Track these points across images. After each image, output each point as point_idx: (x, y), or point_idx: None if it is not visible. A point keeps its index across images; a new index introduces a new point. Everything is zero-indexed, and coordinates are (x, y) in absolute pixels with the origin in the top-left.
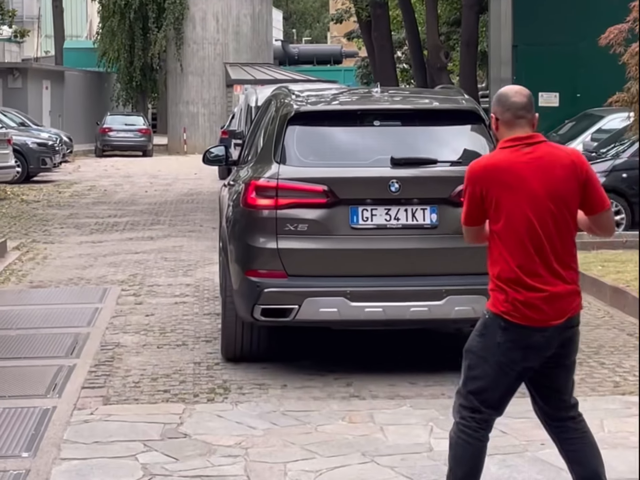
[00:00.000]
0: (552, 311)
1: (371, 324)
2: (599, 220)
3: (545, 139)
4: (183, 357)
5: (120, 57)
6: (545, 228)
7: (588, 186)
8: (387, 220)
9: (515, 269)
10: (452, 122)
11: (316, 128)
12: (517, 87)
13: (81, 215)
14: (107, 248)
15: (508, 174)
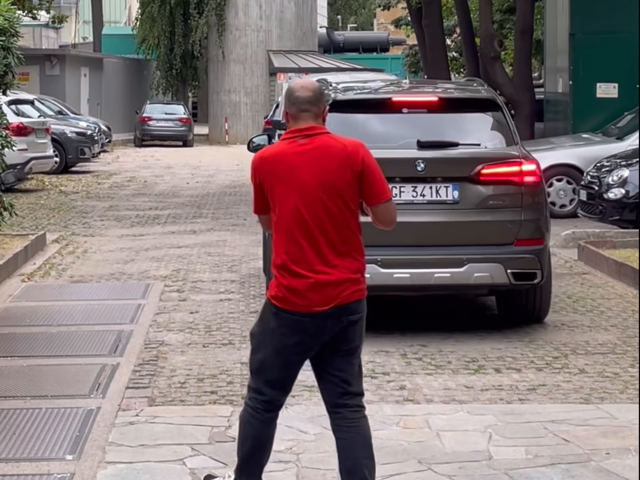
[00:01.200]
0: (316, 298)
1: (399, 289)
2: (375, 212)
3: (328, 131)
4: (230, 357)
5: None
6: (315, 217)
7: (364, 178)
8: (413, 196)
9: (283, 255)
10: (472, 110)
11: (351, 115)
12: (305, 82)
13: (121, 207)
14: (148, 242)
15: (280, 164)
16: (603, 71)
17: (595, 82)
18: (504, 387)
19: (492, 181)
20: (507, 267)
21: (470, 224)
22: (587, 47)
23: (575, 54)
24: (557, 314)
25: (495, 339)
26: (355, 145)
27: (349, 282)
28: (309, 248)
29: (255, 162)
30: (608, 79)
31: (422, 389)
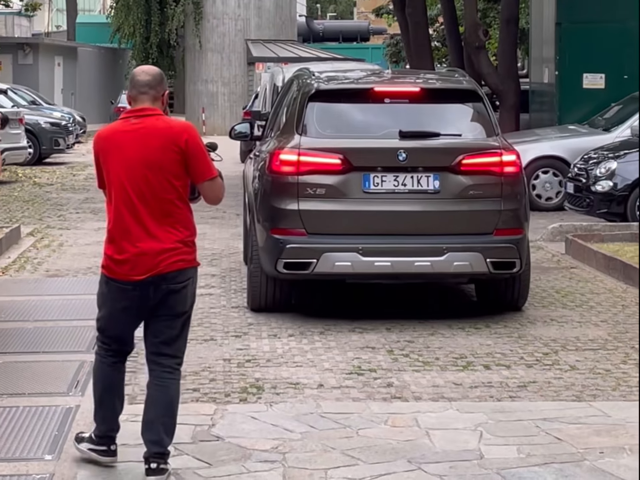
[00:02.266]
0: (138, 267)
1: (380, 277)
2: (201, 189)
3: (161, 113)
4: (212, 354)
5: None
6: (138, 192)
7: (188, 157)
8: (395, 185)
9: (110, 227)
10: (454, 100)
11: (333, 104)
12: (146, 67)
13: (97, 199)
14: None
15: (111, 142)
16: (590, 61)
17: (582, 72)
18: (494, 384)
19: (472, 171)
20: (486, 256)
21: (450, 213)
22: (573, 37)
23: (561, 43)
24: (545, 309)
25: (483, 335)
26: (180, 127)
27: (170, 252)
28: (132, 221)
29: (94, 140)
30: (595, 70)
31: (410, 386)
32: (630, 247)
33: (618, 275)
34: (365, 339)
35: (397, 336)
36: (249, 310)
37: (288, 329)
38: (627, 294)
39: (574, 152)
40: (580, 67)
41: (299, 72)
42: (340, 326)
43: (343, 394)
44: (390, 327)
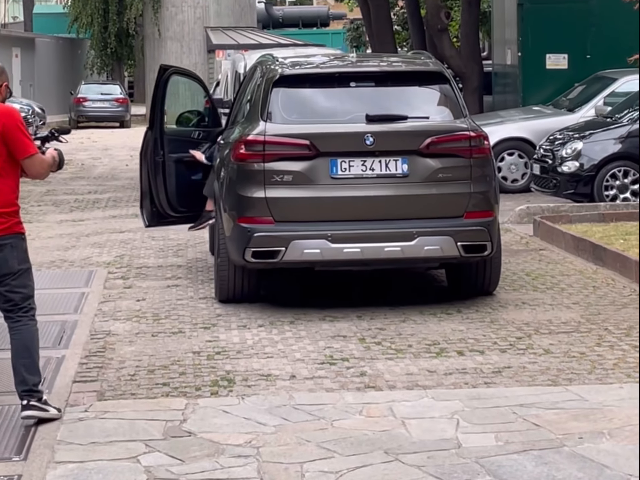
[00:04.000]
0: None
1: (350, 264)
2: (23, 165)
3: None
4: (181, 346)
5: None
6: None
7: (7, 139)
8: (363, 170)
9: None
10: (420, 83)
11: (298, 90)
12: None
13: (59, 191)
14: (89, 227)
15: None
16: (552, 42)
17: (545, 53)
18: (468, 371)
19: (441, 154)
20: (457, 240)
21: (420, 197)
22: (535, 17)
23: (523, 24)
24: (516, 292)
25: (455, 320)
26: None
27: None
28: None
29: None
30: (558, 50)
31: (383, 374)
32: (599, 228)
33: (587, 256)
34: (336, 327)
35: (369, 324)
36: (217, 301)
37: (257, 320)
38: (597, 275)
39: (539, 133)
40: (543, 47)
41: (262, 58)
42: (311, 315)
43: (316, 385)
44: (361, 314)
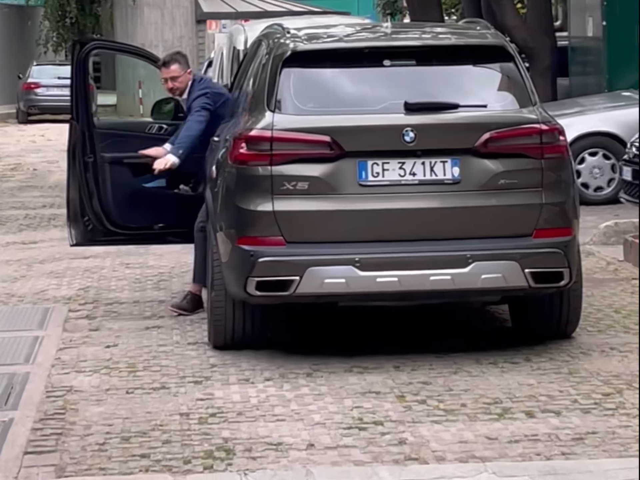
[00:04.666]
0: None
1: (384, 297)
2: None
3: None
4: (164, 407)
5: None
6: None
7: None
8: (401, 175)
9: None
10: (476, 60)
11: (316, 70)
12: None
13: (4, 205)
14: (44, 251)
15: None
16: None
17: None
18: (541, 437)
19: (502, 154)
20: (524, 266)
21: (475, 210)
22: None
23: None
24: (602, 334)
25: (522, 372)
26: None
27: None
28: None
29: None
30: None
31: (429, 442)
32: None
33: None
34: (366, 381)
35: (409, 376)
36: (211, 347)
37: (264, 372)
38: None
39: (630, 127)
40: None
41: (268, 30)
42: (333, 365)
43: (341, 456)
44: (399, 364)
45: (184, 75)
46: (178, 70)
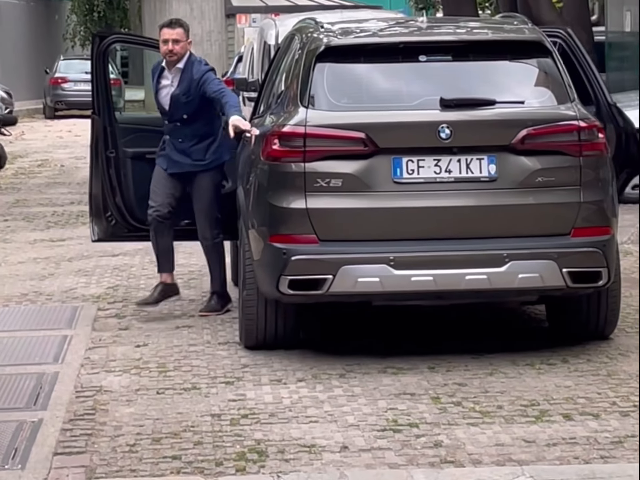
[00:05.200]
0: None
1: (419, 297)
2: None
3: None
4: (195, 407)
5: None
6: None
7: None
8: (436, 172)
9: None
10: (513, 56)
11: (350, 65)
12: None
13: (32, 202)
14: (72, 249)
15: None
16: None
17: None
18: (579, 441)
19: (540, 151)
20: (562, 266)
21: (512, 208)
22: None
23: None
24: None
25: (560, 373)
26: None
27: None
28: None
29: None
30: None
31: (465, 445)
32: None
33: None
34: (401, 382)
35: (444, 378)
36: (243, 347)
37: (296, 372)
38: None
39: None
40: None
41: (301, 24)
42: (367, 366)
43: (375, 459)
44: (434, 365)
45: (185, 42)
46: (182, 35)
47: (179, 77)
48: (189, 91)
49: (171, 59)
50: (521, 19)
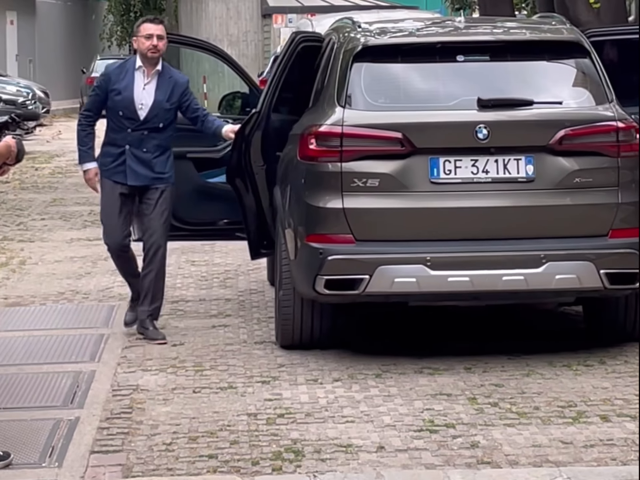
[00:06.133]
0: None
1: (456, 297)
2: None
3: None
4: (232, 406)
5: None
6: None
7: None
8: (473, 173)
9: None
10: (551, 56)
11: (387, 65)
12: None
13: (69, 201)
14: None
15: None
16: None
17: None
18: (616, 442)
19: (578, 151)
20: (599, 267)
21: (549, 209)
22: None
23: None
24: None
25: (597, 375)
26: None
27: None
28: None
29: None
30: None
31: (501, 446)
32: None
33: None
34: (437, 382)
35: (481, 378)
36: (279, 347)
37: (332, 372)
38: None
39: None
40: None
41: (338, 24)
42: (403, 366)
43: (412, 459)
44: (471, 366)
45: (166, 40)
46: (164, 31)
47: (156, 81)
48: (172, 98)
49: (154, 55)
50: (559, 19)
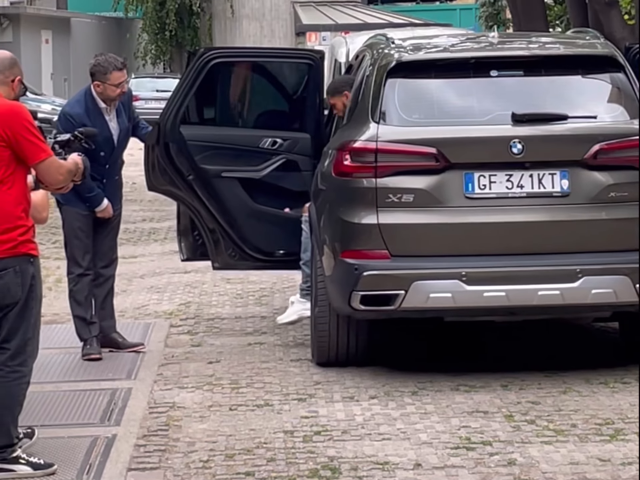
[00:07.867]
0: None
1: (492, 312)
2: (37, 172)
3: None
4: (268, 424)
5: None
6: None
7: (12, 139)
8: (508, 188)
9: None
10: (585, 71)
11: (422, 81)
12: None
13: None
14: (144, 265)
15: None
16: None
17: None
18: None
19: (613, 166)
20: (636, 281)
21: (585, 223)
22: None
23: None
24: None
25: (634, 391)
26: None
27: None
28: None
29: None
30: None
31: (539, 464)
32: None
33: None
34: (474, 400)
35: (517, 396)
36: (315, 364)
37: (369, 389)
38: None
39: None
40: None
41: (372, 40)
42: (439, 383)
43: (449, 476)
44: (507, 383)
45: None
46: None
47: (114, 111)
48: (127, 112)
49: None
50: (594, 34)
